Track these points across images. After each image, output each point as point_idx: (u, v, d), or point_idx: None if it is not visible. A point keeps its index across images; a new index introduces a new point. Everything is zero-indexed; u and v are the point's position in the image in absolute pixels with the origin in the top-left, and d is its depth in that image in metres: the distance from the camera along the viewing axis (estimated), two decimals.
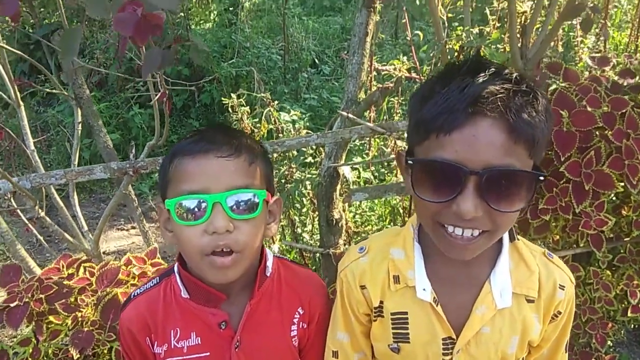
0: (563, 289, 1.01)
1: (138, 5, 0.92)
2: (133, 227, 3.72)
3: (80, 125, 2.06)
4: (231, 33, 4.93)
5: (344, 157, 2.23)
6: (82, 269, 2.06)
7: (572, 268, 2.24)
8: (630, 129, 1.88)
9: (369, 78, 2.72)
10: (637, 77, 2.07)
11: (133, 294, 1.11)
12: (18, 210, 2.12)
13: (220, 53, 4.70)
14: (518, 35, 2.06)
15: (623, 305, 2.33)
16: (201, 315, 1.04)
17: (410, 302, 0.99)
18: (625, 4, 4.33)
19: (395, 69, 2.93)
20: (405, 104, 3.87)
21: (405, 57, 3.05)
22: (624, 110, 1.91)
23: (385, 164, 3.39)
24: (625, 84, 2.06)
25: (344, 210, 2.30)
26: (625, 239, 2.29)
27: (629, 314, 2.27)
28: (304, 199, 2.43)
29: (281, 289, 1.11)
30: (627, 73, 2.06)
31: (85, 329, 1.89)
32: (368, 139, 3.31)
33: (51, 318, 1.94)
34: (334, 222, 2.22)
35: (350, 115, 1.95)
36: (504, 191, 0.82)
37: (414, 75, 2.98)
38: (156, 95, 1.61)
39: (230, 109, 2.49)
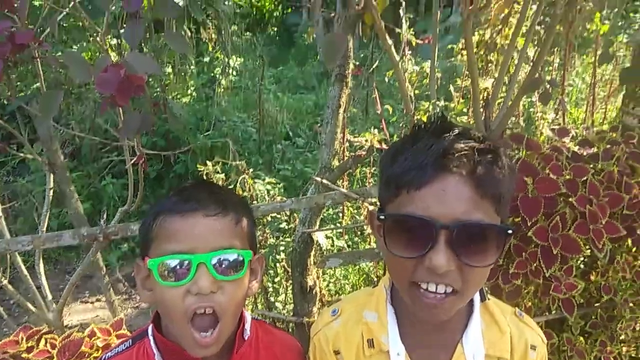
0: (534, 349, 1.01)
1: (120, 68, 0.96)
2: (98, 300, 3.58)
3: (51, 191, 2.04)
4: (207, 107, 5.05)
5: (317, 224, 2.24)
6: (43, 341, 1.96)
7: (546, 335, 2.23)
8: (593, 195, 1.96)
9: (342, 148, 2.80)
10: (595, 148, 2.19)
11: (104, 357, 1.06)
12: None
13: (197, 125, 4.79)
14: (481, 109, 2.19)
15: None
16: None
17: None
18: (580, 82, 4.65)
19: (367, 141, 3.03)
20: (377, 173, 3.97)
21: (376, 130, 3.17)
22: (585, 178, 2.00)
23: (359, 232, 3.41)
24: (584, 153, 2.17)
25: (317, 278, 2.29)
26: (596, 305, 2.32)
27: None
28: (277, 265, 2.41)
29: (259, 354, 1.07)
30: (585, 143, 2.18)
31: None
32: (341, 207, 3.34)
33: None
34: (308, 289, 2.19)
35: (325, 181, 1.99)
36: (475, 245, 0.84)
37: (384, 146, 3.08)
38: (132, 159, 1.63)
39: (205, 177, 2.51)
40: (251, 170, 2.53)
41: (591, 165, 2.10)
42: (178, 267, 0.90)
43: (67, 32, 5.69)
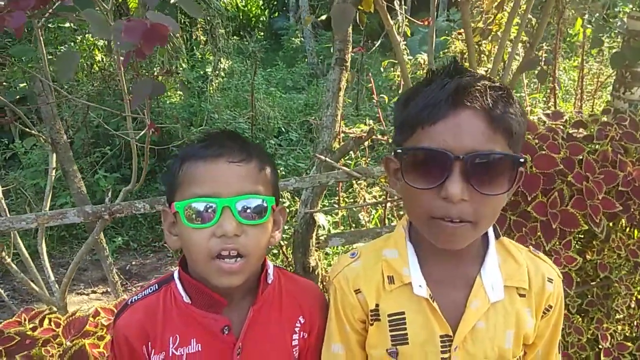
0: (552, 282, 1.05)
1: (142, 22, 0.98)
2: (93, 292, 3.55)
3: (54, 171, 2.03)
4: (200, 102, 5.06)
5: (319, 205, 2.26)
6: (46, 321, 1.95)
7: None
8: (589, 172, 2.01)
9: (338, 139, 2.83)
10: (589, 130, 2.25)
11: (130, 300, 1.07)
12: None
13: (190, 120, 4.80)
14: None
15: (595, 351, 2.36)
16: (203, 321, 1.01)
17: (407, 301, 1.00)
18: (567, 79, 4.76)
19: (362, 131, 3.07)
20: (376, 157, 4.00)
21: (371, 121, 3.20)
22: (580, 156, 2.05)
23: (354, 224, 3.44)
24: (578, 135, 2.23)
25: (319, 259, 2.31)
26: (592, 283, 2.37)
27: (602, 358, 2.30)
28: (281, 248, 2.43)
29: (282, 297, 1.10)
30: (579, 124, 2.24)
31: None
32: (337, 198, 3.37)
33: None
34: (311, 269, 2.21)
35: (328, 160, 2.01)
36: (487, 175, 0.87)
37: (379, 136, 3.13)
38: (136, 135, 1.64)
39: None
40: None
41: (588, 145, 2.16)
42: (203, 210, 0.93)
43: (55, 31, 5.66)
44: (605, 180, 2.01)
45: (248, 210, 0.95)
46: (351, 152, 2.74)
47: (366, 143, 3.29)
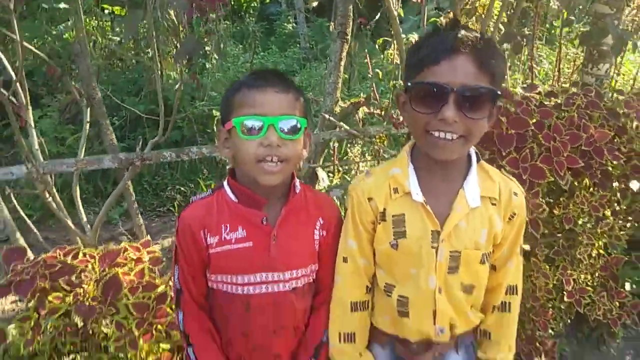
0: (517, 195, 1.35)
1: None
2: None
3: (88, 125, 2.29)
4: (202, 77, 5.29)
5: (321, 161, 2.55)
6: (81, 254, 2.21)
7: None
8: (556, 134, 2.32)
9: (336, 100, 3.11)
10: (559, 99, 2.56)
11: (192, 199, 1.36)
12: (17, 205, 2.27)
13: (192, 95, 5.03)
14: None
15: (560, 294, 2.69)
16: (247, 214, 1.31)
17: (407, 205, 1.29)
18: (547, 64, 5.07)
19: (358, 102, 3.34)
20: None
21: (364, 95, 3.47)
22: (550, 121, 2.36)
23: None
24: (549, 104, 2.54)
25: None
26: (558, 235, 2.69)
27: (565, 300, 2.63)
28: None
29: (307, 203, 1.40)
30: (551, 95, 2.55)
31: (87, 304, 2.02)
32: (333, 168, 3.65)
33: (50, 297, 2.05)
34: None
35: (332, 118, 2.29)
36: (474, 103, 1.17)
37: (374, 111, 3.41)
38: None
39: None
40: None
41: (555, 113, 2.47)
42: (254, 125, 1.21)
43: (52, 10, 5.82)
44: (570, 140, 2.32)
45: (287, 128, 1.24)
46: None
47: (361, 116, 3.55)
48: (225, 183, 1.36)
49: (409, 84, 1.23)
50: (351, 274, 1.37)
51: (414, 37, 3.52)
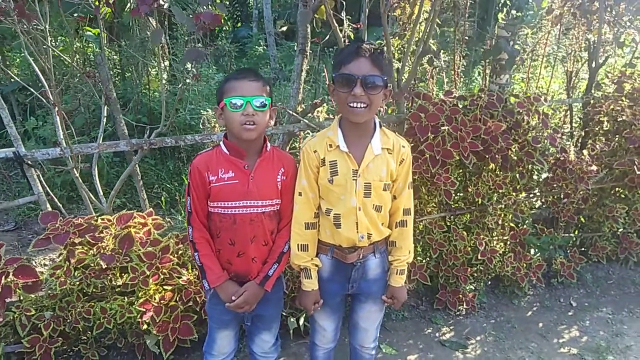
0: (404, 147, 2.05)
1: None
2: None
3: (105, 119, 2.95)
4: (184, 91, 5.96)
5: (287, 149, 3.25)
6: (99, 220, 2.84)
7: (439, 227, 3.36)
8: (462, 126, 3.09)
9: (300, 101, 3.82)
10: (466, 102, 3.34)
11: (199, 153, 2.02)
12: (41, 179, 2.89)
13: (176, 108, 5.67)
14: (395, 74, 3.30)
15: (476, 255, 3.43)
16: (235, 162, 1.96)
17: (337, 154, 1.97)
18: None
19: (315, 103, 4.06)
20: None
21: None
22: (457, 116, 3.13)
23: None
24: (460, 105, 3.32)
25: None
26: (472, 208, 3.46)
27: (479, 257, 3.36)
28: None
29: (274, 157, 2.05)
30: (462, 98, 3.33)
31: (108, 254, 2.65)
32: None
33: (77, 250, 2.67)
34: None
35: (295, 114, 3.01)
36: (373, 85, 1.85)
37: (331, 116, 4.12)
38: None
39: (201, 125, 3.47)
40: None
41: (463, 111, 3.25)
42: (238, 103, 1.89)
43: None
44: (472, 130, 3.09)
45: (258, 104, 1.92)
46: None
47: (322, 118, 4.23)
48: (221, 142, 2.03)
49: (334, 75, 1.95)
50: (304, 203, 2.05)
51: None
